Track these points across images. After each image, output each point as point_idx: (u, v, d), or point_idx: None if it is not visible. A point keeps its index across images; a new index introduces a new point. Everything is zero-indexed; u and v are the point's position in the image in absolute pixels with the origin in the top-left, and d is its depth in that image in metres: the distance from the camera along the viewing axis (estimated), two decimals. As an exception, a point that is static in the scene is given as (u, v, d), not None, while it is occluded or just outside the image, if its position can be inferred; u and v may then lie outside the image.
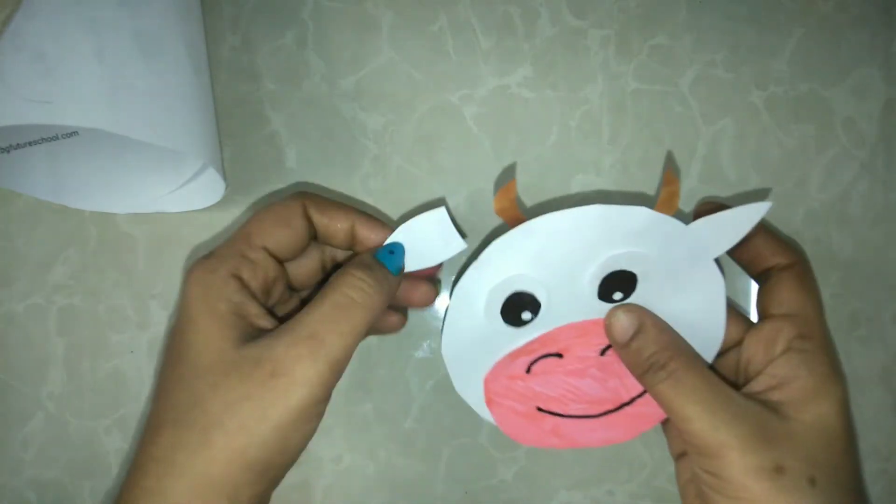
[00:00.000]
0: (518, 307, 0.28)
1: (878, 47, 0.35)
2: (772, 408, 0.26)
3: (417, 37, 0.35)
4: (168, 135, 0.28)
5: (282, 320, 0.27)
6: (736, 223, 0.27)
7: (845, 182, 0.35)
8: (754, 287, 0.31)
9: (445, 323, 0.29)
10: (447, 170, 0.35)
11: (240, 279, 0.27)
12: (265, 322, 0.27)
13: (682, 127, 0.35)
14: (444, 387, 0.35)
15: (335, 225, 0.29)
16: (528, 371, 0.30)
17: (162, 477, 0.24)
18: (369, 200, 0.35)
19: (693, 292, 0.29)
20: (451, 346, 0.29)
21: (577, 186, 0.35)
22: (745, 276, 0.32)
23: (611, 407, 0.30)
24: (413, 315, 0.35)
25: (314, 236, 0.29)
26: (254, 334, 0.26)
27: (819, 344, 0.27)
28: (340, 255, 0.31)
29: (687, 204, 0.35)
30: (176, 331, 0.27)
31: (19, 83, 0.27)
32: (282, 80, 0.35)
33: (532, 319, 0.29)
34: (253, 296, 0.27)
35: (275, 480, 0.26)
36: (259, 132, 0.35)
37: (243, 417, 0.24)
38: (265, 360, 0.25)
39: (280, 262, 0.29)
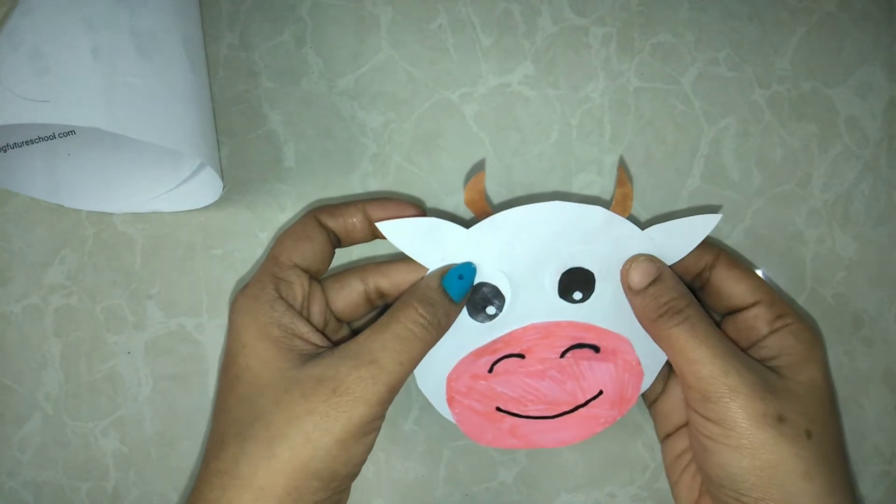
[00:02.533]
0: (483, 301, 0.29)
1: (881, 46, 0.35)
2: (770, 368, 0.28)
3: (417, 34, 0.35)
4: (165, 134, 0.28)
5: (335, 344, 0.28)
6: (688, 232, 0.29)
7: (848, 181, 0.35)
8: None
9: None
10: (447, 169, 0.35)
11: (283, 300, 0.28)
12: (316, 338, 0.28)
13: (685, 125, 0.35)
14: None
15: (349, 220, 0.30)
16: (490, 371, 0.30)
17: (226, 489, 0.25)
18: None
19: None
20: None
21: (578, 186, 0.35)
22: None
23: (567, 408, 0.31)
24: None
25: (337, 243, 0.31)
26: (309, 351, 0.27)
27: (795, 317, 0.29)
28: (384, 283, 0.30)
29: (693, 202, 0.35)
30: (230, 359, 0.28)
31: (16, 82, 0.26)
32: (280, 78, 0.35)
33: (497, 314, 0.30)
34: (299, 314, 0.28)
35: (339, 490, 0.27)
36: (257, 131, 0.35)
37: (308, 430, 0.25)
38: (327, 379, 0.26)
39: (313, 277, 0.30)
